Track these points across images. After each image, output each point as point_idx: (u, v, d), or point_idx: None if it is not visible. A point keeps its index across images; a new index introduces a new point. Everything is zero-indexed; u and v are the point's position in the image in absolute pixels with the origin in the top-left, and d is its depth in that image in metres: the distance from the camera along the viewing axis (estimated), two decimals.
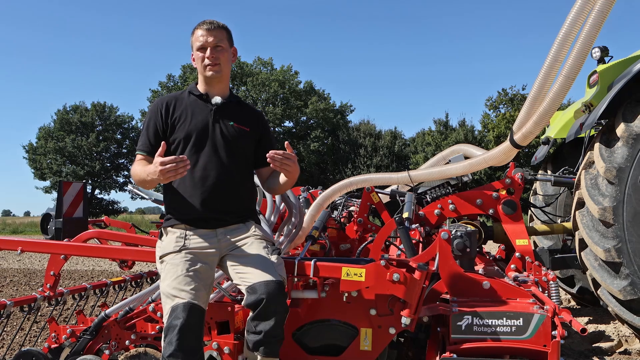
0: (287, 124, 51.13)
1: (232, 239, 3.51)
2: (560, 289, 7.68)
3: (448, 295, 3.85)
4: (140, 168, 3.40)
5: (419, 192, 5.85)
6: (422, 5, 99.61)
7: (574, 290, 7.69)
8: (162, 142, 3.25)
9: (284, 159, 3.27)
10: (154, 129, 3.56)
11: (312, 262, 3.57)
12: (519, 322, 3.42)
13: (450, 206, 5.34)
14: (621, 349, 5.68)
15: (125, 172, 57.51)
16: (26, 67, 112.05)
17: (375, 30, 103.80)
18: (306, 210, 5.38)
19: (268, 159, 3.26)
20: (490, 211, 5.33)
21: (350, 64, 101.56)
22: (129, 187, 7.40)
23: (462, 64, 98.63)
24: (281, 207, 4.99)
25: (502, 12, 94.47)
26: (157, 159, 3.13)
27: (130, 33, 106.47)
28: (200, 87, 3.67)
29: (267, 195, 4.96)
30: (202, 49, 3.56)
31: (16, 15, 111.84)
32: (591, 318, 6.94)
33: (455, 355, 3.32)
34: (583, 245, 5.33)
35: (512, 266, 4.87)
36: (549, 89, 4.66)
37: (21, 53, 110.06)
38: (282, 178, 3.57)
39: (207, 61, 3.54)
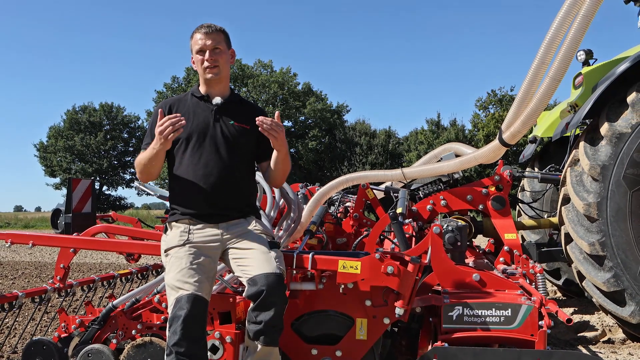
0: (286, 123, 51.04)
1: (234, 233, 3.50)
2: (547, 281, 7.68)
3: (440, 287, 3.86)
4: (142, 154, 3.46)
5: (412, 188, 5.85)
6: (416, 12, 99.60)
7: (560, 282, 7.70)
8: (159, 109, 3.31)
9: (273, 123, 3.32)
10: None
11: (310, 256, 3.57)
12: (508, 313, 3.42)
13: (442, 202, 5.34)
14: (605, 338, 5.69)
15: (132, 170, 57.38)
16: (36, 69, 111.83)
17: (371, 34, 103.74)
18: (304, 205, 5.38)
19: (257, 122, 3.31)
20: (480, 207, 5.33)
21: (347, 66, 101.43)
22: (136, 183, 7.42)
23: (453, 66, 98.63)
24: (280, 203, 4.98)
25: (492, 16, 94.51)
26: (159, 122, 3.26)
27: (136, 36, 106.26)
28: (202, 89, 3.67)
29: (267, 191, 4.96)
30: (201, 51, 3.56)
31: (27, 18, 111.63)
32: (576, 309, 6.95)
33: (446, 344, 3.32)
34: (569, 239, 5.34)
35: (501, 259, 4.87)
36: (536, 90, 4.67)
37: (31, 55, 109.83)
38: (274, 160, 3.59)
39: (206, 63, 3.53)
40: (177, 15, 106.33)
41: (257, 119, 3.33)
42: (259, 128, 3.34)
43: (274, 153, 3.56)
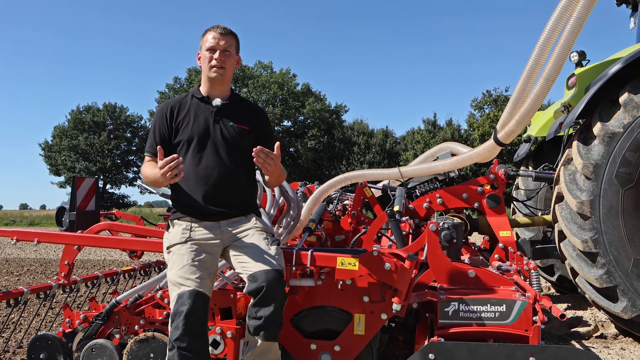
0: (285, 123, 51.10)
1: (235, 231, 3.50)
2: (541, 277, 7.68)
3: (436, 283, 3.85)
4: (150, 170, 3.40)
5: (409, 186, 5.84)
6: (413, 14, 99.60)
7: (553, 279, 7.70)
8: (158, 147, 3.24)
9: (267, 157, 3.25)
10: (159, 132, 3.57)
11: (309, 252, 3.57)
12: (502, 308, 3.42)
13: (438, 200, 5.34)
14: (597, 333, 5.69)
15: (135, 168, 57.50)
16: (41, 70, 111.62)
17: (368, 36, 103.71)
18: (303, 203, 5.38)
19: (253, 154, 3.23)
20: (476, 205, 5.32)
21: (345, 67, 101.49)
22: (139, 182, 7.38)
23: (449, 67, 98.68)
24: (280, 201, 4.98)
25: (487, 18, 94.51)
26: (159, 163, 3.14)
27: (139, 37, 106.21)
28: (203, 89, 3.66)
29: (267, 189, 4.95)
30: (211, 50, 3.55)
31: (33, 21, 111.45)
32: (570, 304, 6.96)
33: (442, 339, 3.32)
34: (562, 236, 5.34)
35: (496, 256, 4.87)
36: (530, 91, 4.66)
37: (37, 57, 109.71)
38: (266, 176, 3.54)
39: (214, 62, 3.52)
40: (178, 17, 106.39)
41: (254, 150, 3.22)
42: (254, 159, 3.25)
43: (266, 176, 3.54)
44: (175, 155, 3.14)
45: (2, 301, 4.76)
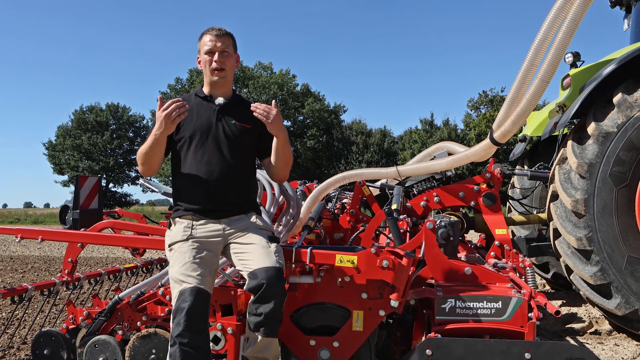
0: (285, 123, 50.64)
1: (235, 229, 3.50)
2: (536, 275, 7.68)
3: (433, 280, 3.86)
4: (144, 144, 3.42)
5: (406, 185, 5.85)
6: (411, 16, 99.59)
7: (548, 276, 7.70)
8: (159, 97, 3.27)
9: (266, 108, 3.28)
10: None
11: (309, 250, 3.56)
12: (498, 305, 3.42)
13: (435, 198, 5.34)
14: (592, 330, 5.70)
15: (137, 167, 57.34)
16: (45, 71, 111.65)
17: (366, 35, 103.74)
18: (303, 202, 5.37)
19: (252, 107, 3.27)
20: (472, 203, 5.33)
21: (343, 67, 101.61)
22: (141, 181, 7.37)
23: (446, 67, 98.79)
24: (280, 199, 4.98)
25: (485, 19, 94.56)
26: (164, 106, 3.24)
27: (141, 39, 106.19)
28: (205, 90, 3.66)
29: (267, 188, 4.95)
30: (210, 52, 3.55)
31: (36, 22, 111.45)
32: (564, 301, 6.96)
33: (439, 335, 3.32)
34: (557, 234, 5.34)
35: (492, 253, 4.87)
36: (525, 91, 4.66)
37: (40, 58, 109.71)
38: (274, 150, 3.56)
39: (214, 64, 3.53)
40: (180, 18, 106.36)
41: (252, 105, 3.29)
42: (253, 113, 3.30)
43: (274, 141, 3.54)
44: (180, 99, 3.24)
45: (6, 298, 4.75)
